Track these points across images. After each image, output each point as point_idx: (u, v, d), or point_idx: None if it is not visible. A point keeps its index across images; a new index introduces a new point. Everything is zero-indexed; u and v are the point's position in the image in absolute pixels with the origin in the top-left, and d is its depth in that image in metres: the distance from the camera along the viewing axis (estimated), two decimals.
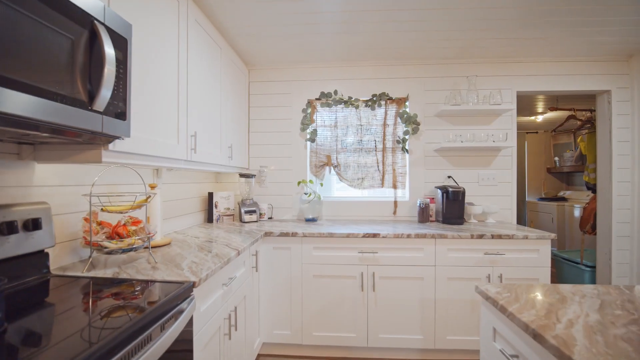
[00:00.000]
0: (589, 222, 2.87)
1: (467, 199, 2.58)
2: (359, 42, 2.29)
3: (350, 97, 2.65)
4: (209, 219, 2.44)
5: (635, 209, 2.54)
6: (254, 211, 2.49)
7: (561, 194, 5.06)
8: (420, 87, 2.65)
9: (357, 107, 2.65)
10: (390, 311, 2.02)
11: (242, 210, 2.46)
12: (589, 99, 3.16)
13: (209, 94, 1.89)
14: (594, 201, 2.86)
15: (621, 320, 0.75)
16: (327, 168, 2.70)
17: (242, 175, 2.53)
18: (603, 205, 2.66)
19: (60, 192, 1.22)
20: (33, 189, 1.12)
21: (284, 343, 2.09)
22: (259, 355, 2.11)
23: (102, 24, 0.91)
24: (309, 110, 2.69)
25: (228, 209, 2.54)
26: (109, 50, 0.88)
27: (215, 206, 2.43)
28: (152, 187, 1.63)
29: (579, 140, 3.41)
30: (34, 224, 1.01)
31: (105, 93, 0.89)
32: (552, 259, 4.28)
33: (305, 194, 2.56)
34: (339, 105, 2.67)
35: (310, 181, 2.69)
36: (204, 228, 2.19)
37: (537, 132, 5.37)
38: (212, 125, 1.95)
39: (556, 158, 5.21)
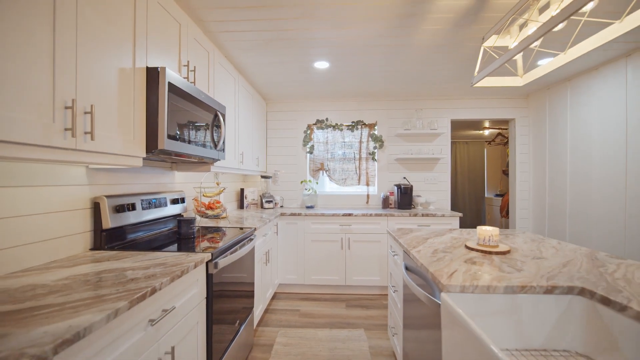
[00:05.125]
0: (505, 209, 4.06)
1: (415, 193, 3.77)
2: (341, 89, 3.47)
3: (337, 123, 3.82)
4: (241, 206, 3.60)
5: (531, 201, 3.73)
6: (271, 201, 3.65)
7: None
8: (386, 116, 3.83)
9: (342, 129, 3.83)
10: (360, 262, 3.20)
11: (263, 200, 3.63)
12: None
13: (247, 124, 3.06)
14: (507, 195, 4.05)
15: (427, 236, 1.93)
16: (321, 172, 3.87)
17: (262, 177, 3.69)
18: (512, 198, 3.85)
19: (181, 187, 2.39)
20: (175, 184, 2.29)
21: (292, 283, 3.27)
22: (276, 293, 3.28)
23: (219, 111, 2.07)
24: (308, 132, 3.86)
25: (253, 199, 3.71)
26: (222, 121, 2.05)
27: (245, 197, 3.59)
28: (218, 184, 2.80)
29: (507, 150, 4.60)
30: (182, 200, 2.18)
31: (222, 141, 2.05)
32: None
33: (306, 189, 3.72)
34: (329, 128, 3.84)
35: (309, 181, 3.86)
36: (240, 211, 3.36)
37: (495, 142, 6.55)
38: (248, 144, 3.12)
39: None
